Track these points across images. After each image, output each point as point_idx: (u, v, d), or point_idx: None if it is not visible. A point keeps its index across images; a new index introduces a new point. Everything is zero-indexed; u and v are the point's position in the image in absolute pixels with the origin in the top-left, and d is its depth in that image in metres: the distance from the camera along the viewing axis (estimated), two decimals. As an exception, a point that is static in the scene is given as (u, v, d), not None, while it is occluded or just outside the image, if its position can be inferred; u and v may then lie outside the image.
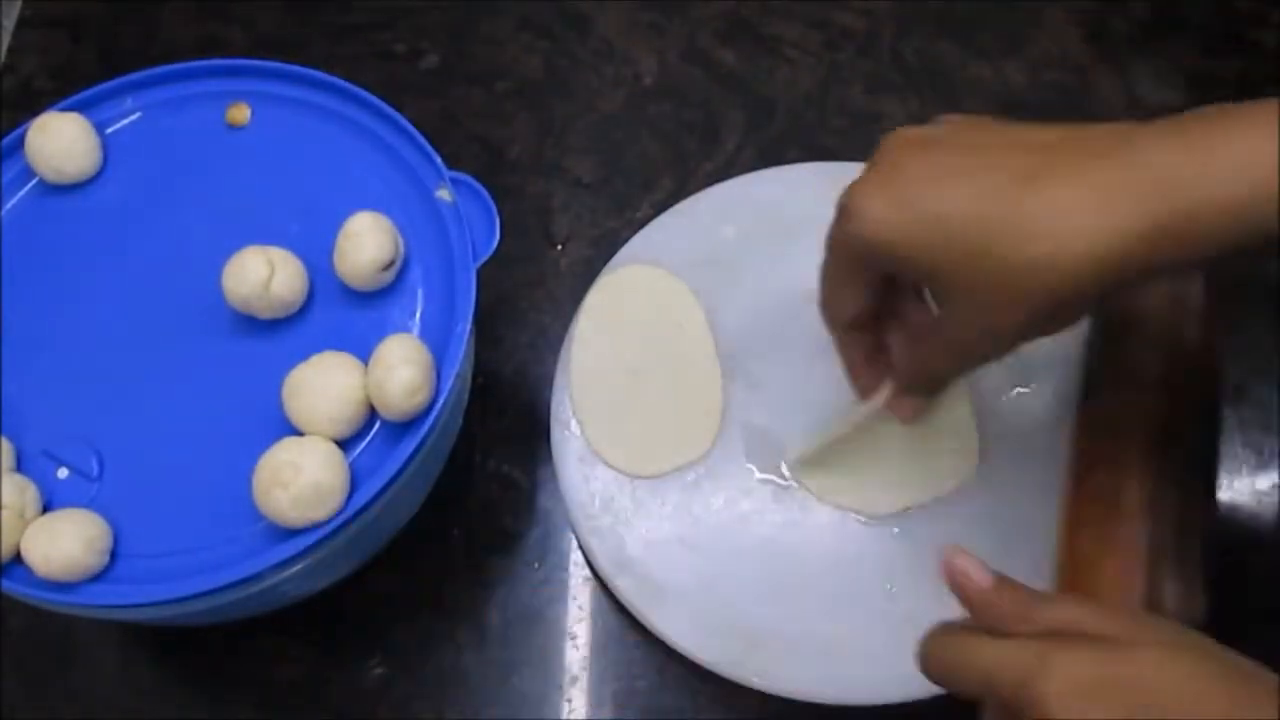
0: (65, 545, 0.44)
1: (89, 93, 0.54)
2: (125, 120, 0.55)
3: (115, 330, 0.50)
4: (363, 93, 0.53)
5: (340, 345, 0.48)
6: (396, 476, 0.46)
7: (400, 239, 0.49)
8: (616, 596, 0.53)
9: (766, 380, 0.56)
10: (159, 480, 0.47)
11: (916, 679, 0.49)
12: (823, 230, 0.60)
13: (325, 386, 0.46)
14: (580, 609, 0.55)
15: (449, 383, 0.47)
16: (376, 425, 0.48)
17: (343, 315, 0.50)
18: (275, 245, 0.49)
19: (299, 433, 0.46)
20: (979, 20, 0.68)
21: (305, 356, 0.47)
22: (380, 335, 0.47)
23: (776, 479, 0.54)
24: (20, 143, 0.53)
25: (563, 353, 0.57)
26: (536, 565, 0.56)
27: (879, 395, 0.49)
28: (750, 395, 0.56)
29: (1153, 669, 0.34)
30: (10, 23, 0.72)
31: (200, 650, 0.55)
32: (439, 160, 0.51)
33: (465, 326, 0.48)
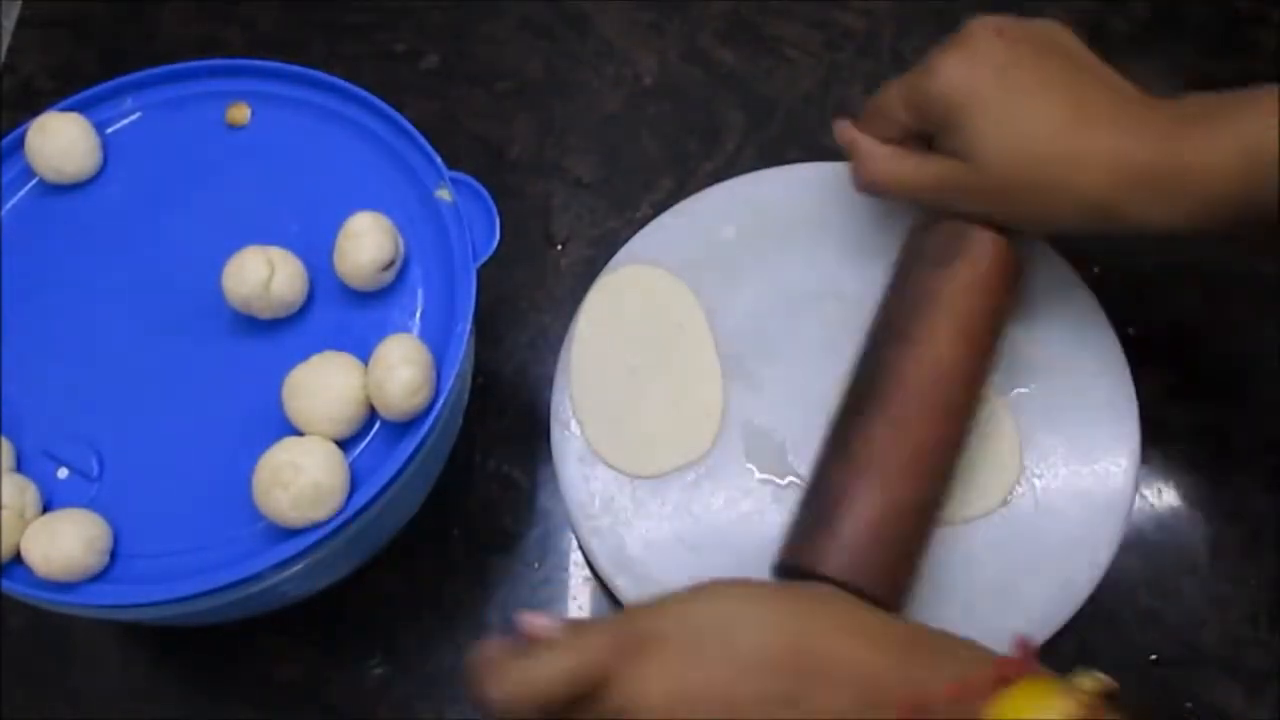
0: (65, 545, 0.44)
1: (89, 93, 0.54)
2: (125, 120, 0.55)
3: (115, 330, 0.50)
4: (363, 93, 0.53)
5: (340, 345, 0.48)
6: (396, 476, 0.46)
7: (400, 239, 0.49)
8: (616, 596, 0.53)
9: (766, 380, 0.56)
10: (159, 480, 0.47)
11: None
12: (823, 230, 0.60)
13: (325, 386, 0.46)
14: (580, 609, 0.55)
15: (449, 383, 0.47)
16: (376, 425, 0.48)
17: (343, 315, 0.50)
18: (275, 245, 0.49)
19: (299, 433, 0.46)
20: (979, 20, 0.68)
21: (305, 356, 0.47)
22: (380, 335, 0.47)
23: (776, 479, 0.54)
24: (20, 143, 0.53)
25: (563, 353, 0.57)
26: (536, 565, 0.56)
27: None
28: (750, 395, 0.56)
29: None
30: (10, 23, 0.72)
31: (200, 650, 0.55)
32: (439, 160, 0.51)
33: (465, 326, 0.48)
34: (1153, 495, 0.56)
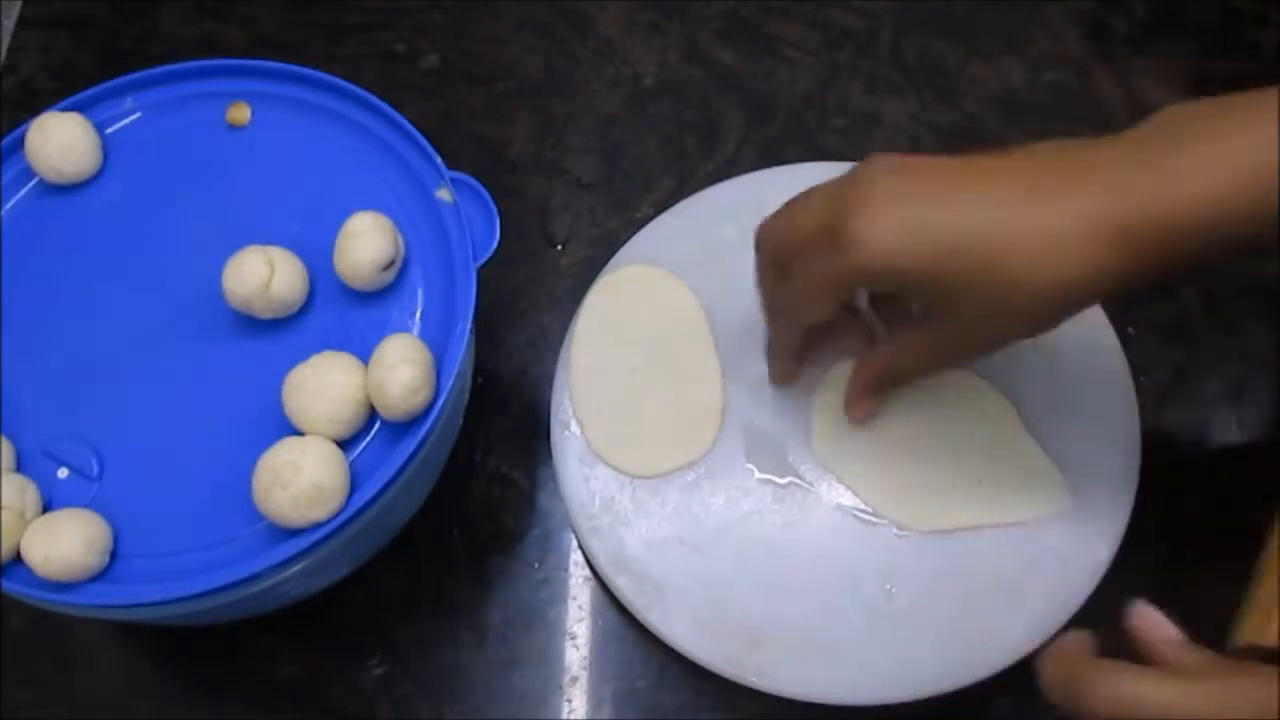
0: (65, 545, 0.44)
1: (89, 93, 0.54)
2: (125, 120, 0.55)
3: (115, 330, 0.50)
4: (363, 93, 0.53)
5: (340, 345, 0.48)
6: (396, 476, 0.46)
7: (400, 239, 0.49)
8: (616, 596, 0.53)
9: (766, 380, 0.56)
10: (159, 480, 0.47)
11: (915, 679, 0.50)
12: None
13: (325, 386, 0.46)
14: (580, 609, 0.55)
15: (449, 383, 0.47)
16: (376, 425, 0.48)
17: (343, 315, 0.50)
18: (275, 245, 0.49)
19: (299, 433, 0.46)
20: (979, 20, 0.68)
21: (305, 356, 0.47)
22: (380, 335, 0.47)
23: (776, 479, 0.54)
24: (20, 143, 0.53)
25: (563, 353, 0.57)
26: (536, 565, 0.56)
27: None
28: (750, 395, 0.56)
29: None
30: (10, 23, 0.72)
31: (200, 650, 0.55)
32: (439, 160, 0.51)
33: (465, 326, 0.48)
34: (1153, 495, 0.56)
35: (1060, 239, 0.40)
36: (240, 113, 0.54)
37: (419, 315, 0.50)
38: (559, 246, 0.63)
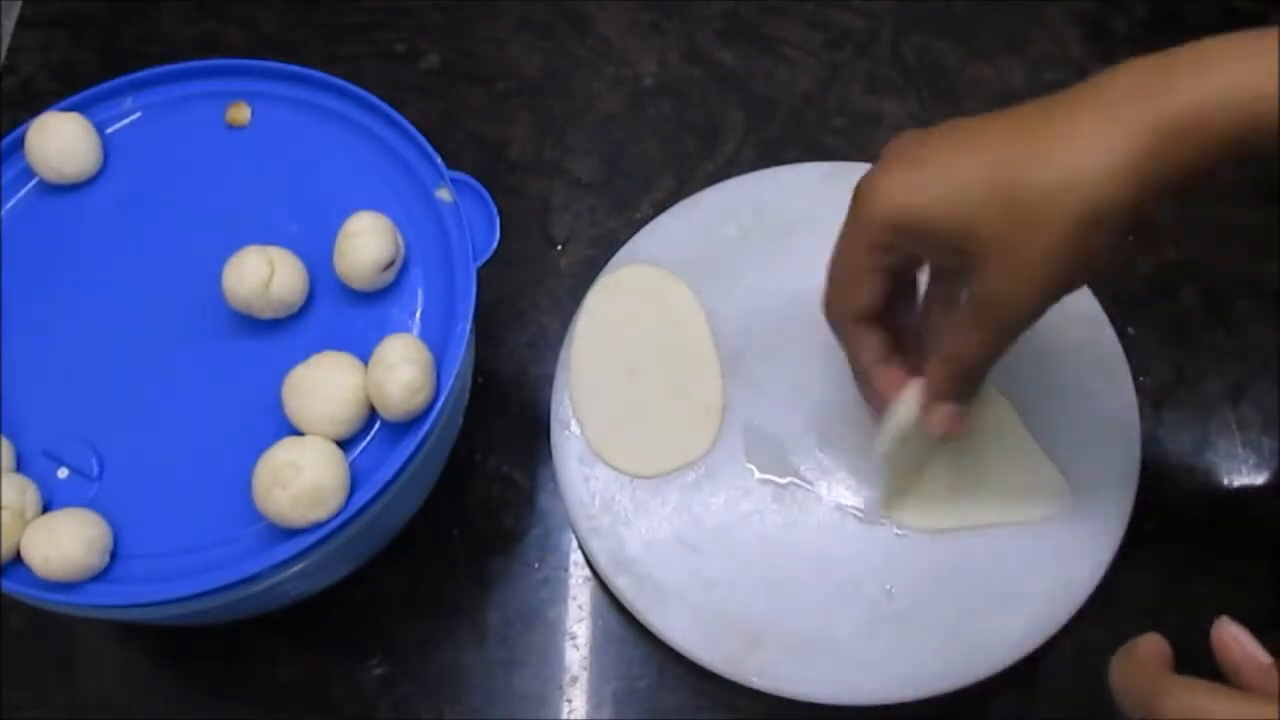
0: (65, 545, 0.44)
1: (89, 93, 0.54)
2: (125, 120, 0.55)
3: (115, 330, 0.50)
4: (363, 93, 0.53)
5: (340, 345, 0.48)
6: (396, 476, 0.46)
7: (400, 239, 0.49)
8: (616, 596, 0.53)
9: (766, 380, 0.56)
10: (159, 480, 0.47)
11: (915, 679, 0.50)
12: (823, 230, 0.60)
13: (325, 386, 0.46)
14: (580, 609, 0.55)
15: (449, 383, 0.47)
16: (376, 425, 0.48)
17: (343, 315, 0.50)
18: (275, 245, 0.49)
19: (299, 433, 0.46)
20: (979, 20, 0.68)
21: (305, 356, 0.47)
22: (380, 335, 0.47)
23: (776, 479, 0.54)
24: (20, 143, 0.53)
25: (563, 353, 0.57)
26: (536, 565, 0.56)
27: (906, 398, 0.47)
28: (750, 395, 0.56)
29: None
30: (10, 23, 0.72)
31: (200, 650, 0.55)
32: (439, 160, 0.51)
33: (465, 326, 0.48)
34: (1153, 495, 0.56)
35: (1076, 145, 0.40)
36: (240, 113, 0.54)
37: (419, 315, 0.50)
38: (559, 246, 0.63)
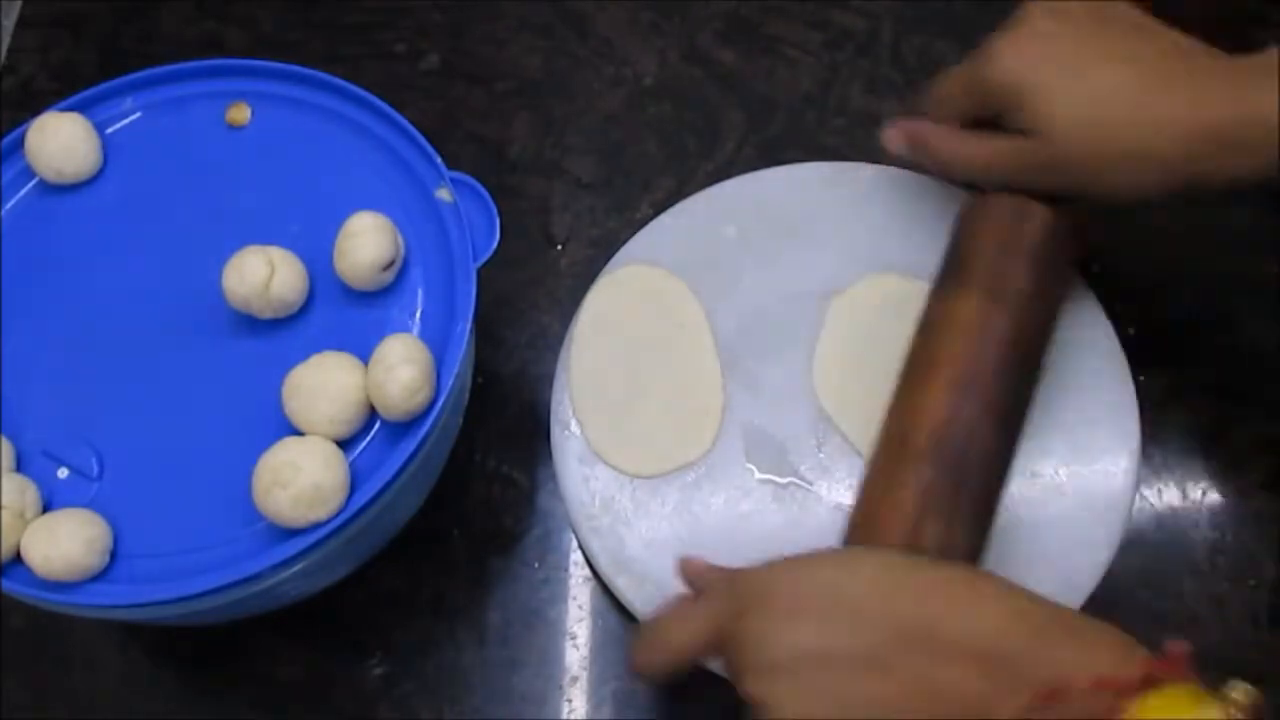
0: (65, 545, 0.44)
1: (89, 93, 0.54)
2: (125, 120, 0.55)
3: (115, 330, 0.50)
4: (363, 93, 0.53)
5: (340, 345, 0.48)
6: (396, 476, 0.46)
7: (400, 239, 0.49)
8: (616, 596, 0.53)
9: (766, 380, 0.56)
10: (159, 480, 0.47)
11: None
12: (823, 230, 0.60)
13: (325, 386, 0.46)
14: (580, 609, 0.55)
15: (449, 383, 0.47)
16: (376, 425, 0.48)
17: (343, 315, 0.50)
18: (275, 245, 0.49)
19: (299, 433, 0.46)
20: (979, 20, 0.67)
21: (305, 356, 0.47)
22: (380, 335, 0.47)
23: (776, 479, 0.54)
24: (20, 143, 0.53)
25: (563, 353, 0.57)
26: (536, 565, 0.56)
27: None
28: (750, 395, 0.56)
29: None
30: (10, 23, 0.72)
31: (200, 650, 0.55)
32: (439, 160, 0.51)
33: (465, 326, 0.48)
34: (1153, 495, 0.56)
35: (1159, 125, 0.46)
36: (240, 113, 0.54)
37: (419, 315, 0.50)
38: (559, 246, 0.63)
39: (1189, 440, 0.57)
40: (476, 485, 0.57)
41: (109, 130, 0.54)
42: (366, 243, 0.48)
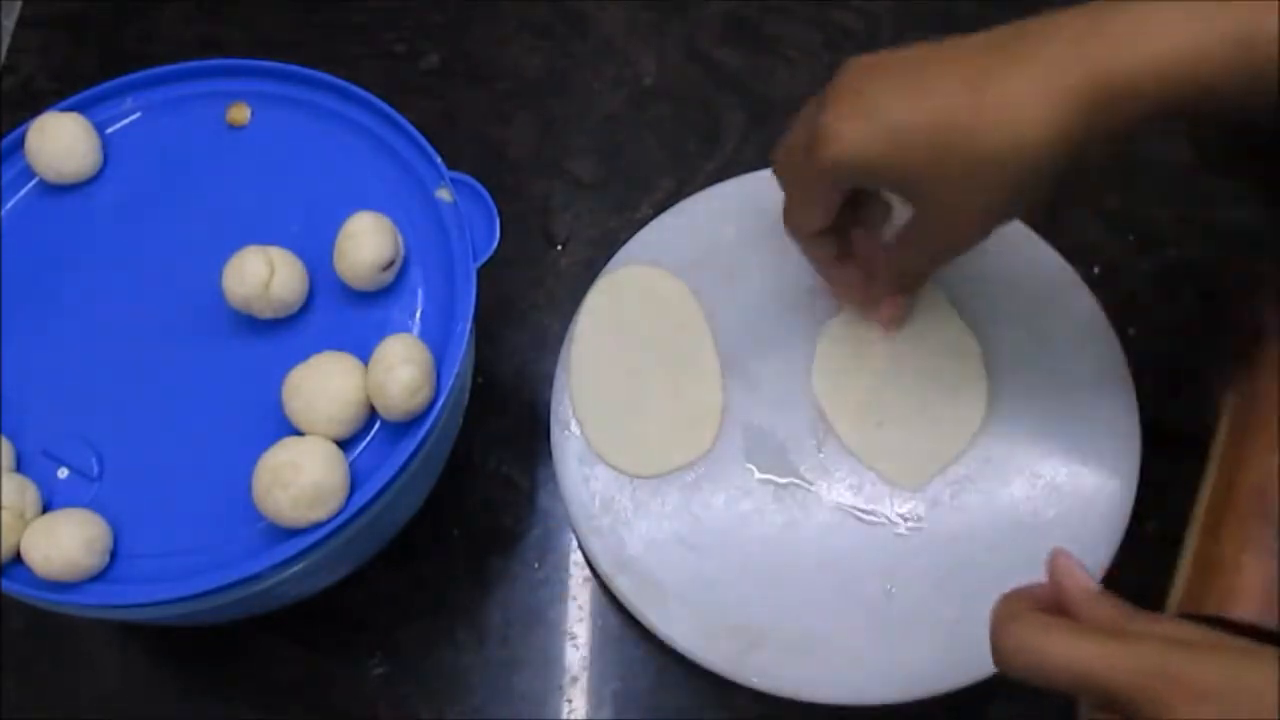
0: (65, 545, 0.44)
1: (89, 93, 0.54)
2: (125, 120, 0.55)
3: (115, 330, 0.50)
4: (363, 93, 0.53)
5: (340, 345, 0.48)
6: (396, 476, 0.46)
7: (400, 239, 0.49)
8: (616, 596, 0.53)
9: (766, 380, 0.56)
10: (159, 480, 0.47)
11: (915, 679, 0.50)
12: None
13: (325, 386, 0.46)
14: (580, 609, 0.55)
15: (449, 383, 0.47)
16: (376, 425, 0.48)
17: (343, 315, 0.50)
18: (275, 245, 0.49)
19: (299, 433, 0.46)
20: (979, 20, 0.68)
21: (305, 356, 0.47)
22: (380, 335, 0.47)
23: (776, 479, 0.54)
24: (20, 143, 0.53)
25: (563, 353, 0.57)
26: (536, 565, 0.56)
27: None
28: (750, 395, 0.56)
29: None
30: (10, 23, 0.72)
31: (200, 650, 0.55)
32: (439, 160, 0.51)
33: (465, 326, 0.48)
34: (1153, 495, 0.56)
35: (1014, 109, 0.42)
36: (240, 113, 0.54)
37: (419, 315, 0.50)
38: (559, 246, 0.63)
39: (1189, 440, 0.57)
40: (476, 485, 0.57)
41: (109, 130, 0.54)
42: (366, 243, 0.48)
